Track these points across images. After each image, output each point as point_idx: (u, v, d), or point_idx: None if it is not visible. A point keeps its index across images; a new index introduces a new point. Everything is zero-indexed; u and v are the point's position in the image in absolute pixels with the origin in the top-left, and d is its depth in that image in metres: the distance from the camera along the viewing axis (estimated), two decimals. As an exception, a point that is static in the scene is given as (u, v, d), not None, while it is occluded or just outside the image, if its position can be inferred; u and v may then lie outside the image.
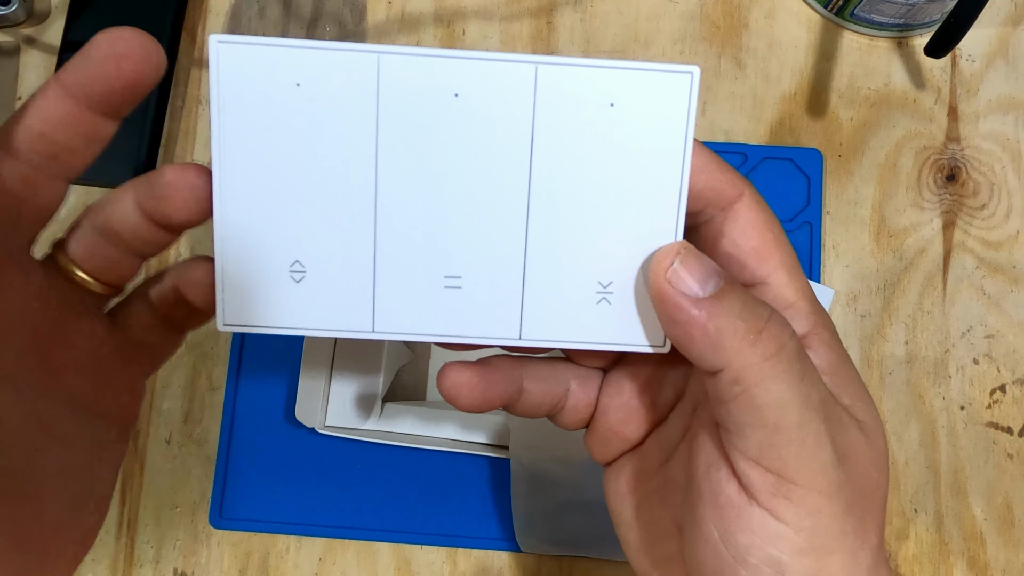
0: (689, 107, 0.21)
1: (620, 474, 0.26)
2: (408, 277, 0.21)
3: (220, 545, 0.39)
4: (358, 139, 0.21)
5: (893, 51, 0.43)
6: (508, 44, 0.43)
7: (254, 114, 0.20)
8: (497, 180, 0.21)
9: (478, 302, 0.22)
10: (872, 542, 0.21)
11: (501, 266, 0.21)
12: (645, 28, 0.43)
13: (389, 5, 0.43)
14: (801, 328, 0.22)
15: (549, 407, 0.25)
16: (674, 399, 0.25)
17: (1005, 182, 0.42)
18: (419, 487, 0.39)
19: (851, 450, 0.21)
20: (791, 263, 0.22)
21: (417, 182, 0.21)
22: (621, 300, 0.22)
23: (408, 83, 0.20)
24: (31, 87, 0.42)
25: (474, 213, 0.21)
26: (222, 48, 0.20)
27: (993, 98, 0.42)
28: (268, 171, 0.21)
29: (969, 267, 0.41)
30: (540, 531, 0.37)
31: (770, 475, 0.20)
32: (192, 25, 0.43)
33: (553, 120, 0.21)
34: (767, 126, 0.42)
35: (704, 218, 0.23)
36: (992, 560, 0.39)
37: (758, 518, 0.20)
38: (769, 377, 0.20)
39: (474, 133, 0.21)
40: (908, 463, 0.39)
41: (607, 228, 0.21)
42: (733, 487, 0.21)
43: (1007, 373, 0.40)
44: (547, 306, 0.22)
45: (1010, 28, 0.43)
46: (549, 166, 0.21)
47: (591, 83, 0.21)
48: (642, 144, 0.21)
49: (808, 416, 0.20)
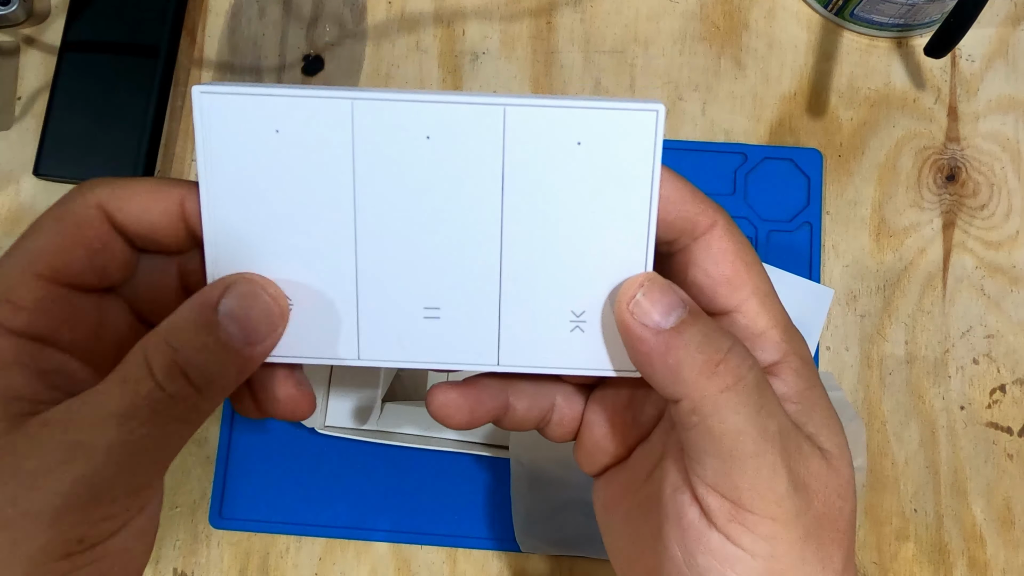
0: (655, 143, 0.21)
1: (607, 486, 0.26)
2: (389, 309, 0.22)
3: (220, 545, 0.39)
4: (336, 181, 0.22)
5: (893, 51, 0.43)
6: (508, 44, 0.43)
7: (238, 159, 0.21)
8: (471, 217, 0.22)
9: (457, 331, 0.23)
10: (835, 567, 0.21)
11: (477, 298, 0.22)
12: (645, 28, 0.43)
13: (389, 5, 0.43)
14: (770, 357, 0.22)
15: (535, 421, 0.26)
16: (656, 417, 0.25)
17: (1005, 182, 0.42)
18: (419, 487, 0.39)
19: (811, 478, 0.21)
20: (765, 291, 0.23)
21: (394, 220, 0.22)
22: (594, 328, 0.23)
23: (381, 127, 0.21)
24: (31, 87, 0.42)
25: (450, 248, 0.22)
26: (205, 99, 0.21)
27: (993, 98, 0.42)
28: (254, 212, 0.22)
29: (969, 267, 0.41)
30: (540, 531, 0.37)
31: (726, 502, 0.21)
32: (192, 25, 0.43)
33: (522, 159, 0.21)
34: (767, 126, 0.42)
35: (677, 247, 0.23)
36: (992, 560, 0.39)
37: (717, 542, 0.21)
38: (725, 408, 0.20)
39: (447, 173, 0.22)
40: (908, 463, 0.39)
41: (579, 260, 0.22)
42: (695, 511, 0.21)
43: (1007, 373, 0.40)
44: (523, 334, 0.23)
45: (1010, 28, 0.43)
46: (520, 202, 0.22)
47: (558, 123, 0.21)
48: (610, 180, 0.22)
49: (763, 446, 0.20)
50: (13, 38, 0.43)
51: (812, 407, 0.22)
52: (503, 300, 0.22)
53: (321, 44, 0.43)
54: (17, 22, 0.42)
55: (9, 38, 0.43)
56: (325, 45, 0.43)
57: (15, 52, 0.43)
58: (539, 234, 0.22)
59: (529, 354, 0.23)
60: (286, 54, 0.43)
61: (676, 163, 0.41)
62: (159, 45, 0.41)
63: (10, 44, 0.43)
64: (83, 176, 0.40)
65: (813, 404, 0.22)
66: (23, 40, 0.43)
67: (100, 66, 0.41)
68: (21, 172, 0.41)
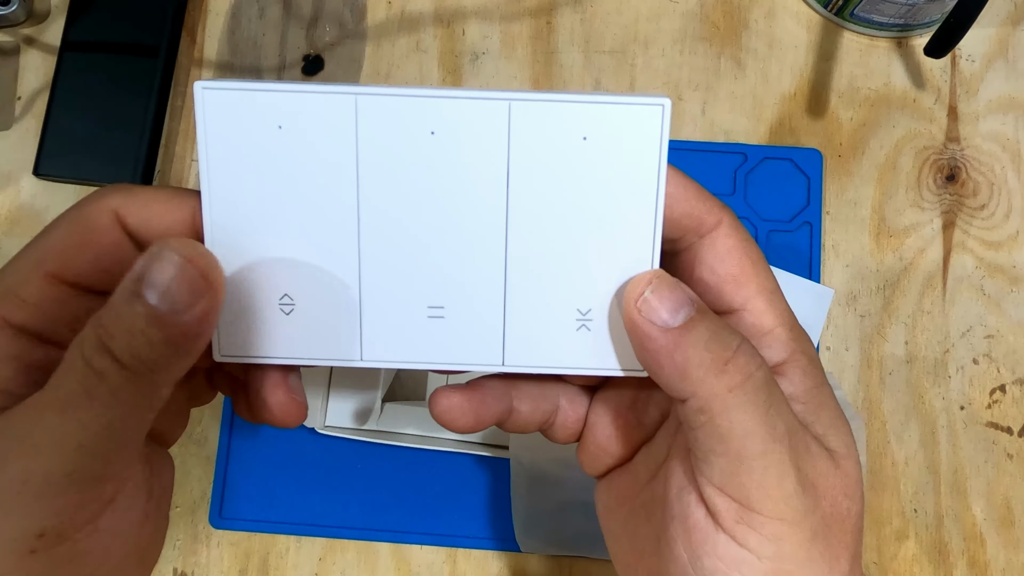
0: (661, 138, 0.21)
1: (610, 488, 0.26)
2: (393, 309, 0.22)
3: (220, 545, 0.39)
4: (339, 178, 0.21)
5: (893, 51, 0.43)
6: (508, 44, 0.43)
7: (240, 156, 0.21)
8: (476, 213, 0.22)
9: (461, 331, 0.22)
10: (842, 568, 0.21)
11: (482, 296, 0.22)
12: (645, 28, 0.43)
13: (389, 5, 0.43)
14: (778, 356, 0.22)
15: (539, 424, 0.26)
16: (660, 418, 0.25)
17: (1005, 182, 0.42)
18: (419, 487, 0.39)
19: (819, 478, 0.21)
20: (771, 289, 0.23)
21: (398, 217, 0.22)
22: (600, 327, 0.22)
23: (385, 123, 0.21)
24: (31, 87, 0.42)
25: (454, 246, 0.22)
26: (207, 94, 0.21)
27: (993, 98, 0.42)
28: (256, 210, 0.21)
29: (969, 267, 0.41)
30: (540, 531, 0.37)
31: (733, 503, 0.20)
32: (192, 25, 0.43)
33: (528, 154, 0.21)
34: (767, 126, 0.42)
35: (682, 245, 0.23)
36: (992, 560, 0.39)
37: (724, 544, 0.21)
38: (733, 407, 0.20)
39: (452, 169, 0.21)
40: (908, 463, 0.39)
41: (585, 258, 0.22)
42: (701, 512, 0.21)
43: (1007, 373, 0.40)
44: (528, 334, 0.22)
45: (1010, 28, 0.43)
46: (526, 199, 0.21)
47: (564, 118, 0.21)
48: (616, 175, 0.21)
49: (771, 446, 0.20)
50: (13, 38, 0.43)
51: (819, 407, 0.22)
52: (508, 299, 0.22)
53: (321, 44, 0.43)
54: (17, 22, 0.42)
55: (9, 38, 0.43)
56: (325, 45, 0.43)
57: (15, 52, 0.43)
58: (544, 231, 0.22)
59: (534, 354, 0.23)
60: (286, 54, 0.43)
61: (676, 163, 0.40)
62: (159, 45, 0.41)
63: (10, 44, 0.43)
64: (83, 176, 0.40)
65: (820, 404, 0.22)
66: (23, 40, 0.43)
67: (100, 66, 0.41)
68: (21, 172, 0.41)
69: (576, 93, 0.21)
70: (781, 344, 0.22)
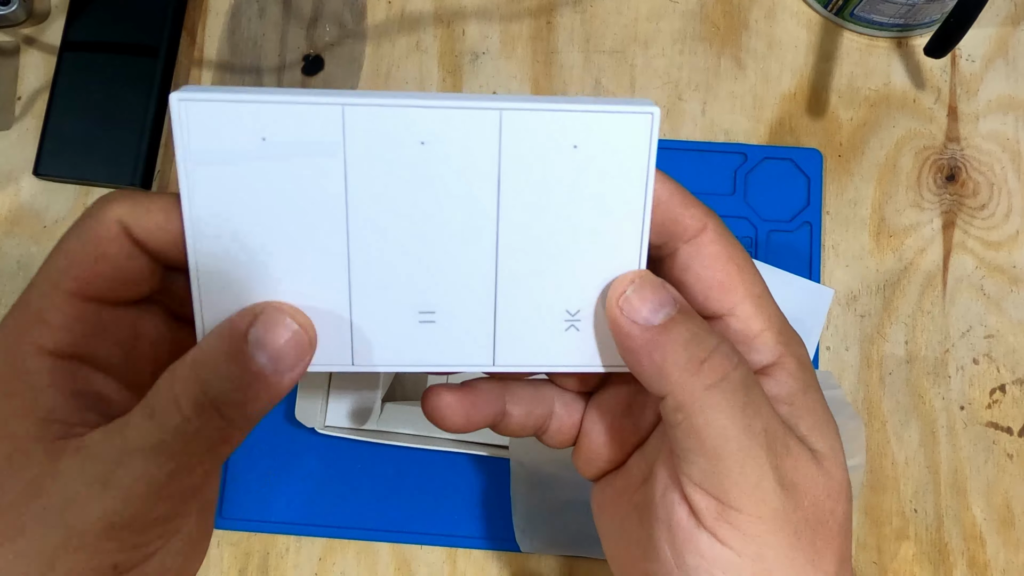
0: (650, 145, 0.21)
1: (605, 491, 0.26)
2: (383, 314, 0.22)
3: (220, 545, 0.39)
4: (327, 189, 0.21)
5: (893, 51, 0.43)
6: (508, 44, 0.43)
7: (222, 168, 0.21)
8: (466, 220, 0.22)
9: (452, 335, 0.22)
10: (828, 569, 0.21)
11: (473, 301, 0.22)
12: (645, 28, 0.43)
13: (389, 5, 0.43)
14: (765, 359, 0.22)
15: (533, 428, 0.26)
16: (654, 421, 0.25)
17: (1005, 182, 0.42)
18: (419, 487, 0.39)
19: (800, 479, 0.21)
20: (758, 293, 0.23)
21: (388, 227, 0.21)
22: (588, 327, 0.23)
23: (374, 133, 0.21)
24: (31, 87, 0.42)
25: (445, 252, 0.22)
26: (183, 107, 0.20)
27: (993, 98, 0.42)
28: (240, 220, 0.21)
29: (969, 267, 0.41)
30: (540, 531, 0.38)
31: (713, 500, 0.21)
32: (192, 25, 0.43)
33: (519, 163, 0.21)
34: (767, 126, 0.42)
35: (668, 251, 0.23)
36: (992, 560, 0.39)
37: (706, 542, 0.21)
38: (709, 406, 0.20)
39: (442, 178, 0.21)
40: (908, 463, 0.39)
41: (574, 261, 0.22)
42: (684, 510, 0.21)
43: (1007, 373, 0.40)
44: (518, 336, 0.23)
45: (1010, 28, 0.43)
46: (516, 205, 0.22)
47: (554, 126, 0.21)
48: (606, 182, 0.22)
49: (747, 444, 0.20)
50: (13, 38, 0.43)
51: (805, 409, 0.22)
52: (499, 302, 0.22)
53: (321, 44, 0.43)
54: (17, 22, 0.42)
55: (9, 38, 0.43)
56: (325, 45, 0.43)
57: (15, 52, 0.43)
58: (535, 236, 0.22)
59: (524, 354, 0.23)
60: (286, 54, 0.43)
61: (676, 163, 0.41)
62: (159, 45, 0.41)
63: (10, 44, 0.43)
64: (83, 176, 0.40)
65: (806, 406, 0.22)
66: (23, 40, 0.43)
67: (100, 66, 0.41)
68: (21, 172, 0.41)
69: (567, 100, 0.21)
70: (768, 348, 0.22)
